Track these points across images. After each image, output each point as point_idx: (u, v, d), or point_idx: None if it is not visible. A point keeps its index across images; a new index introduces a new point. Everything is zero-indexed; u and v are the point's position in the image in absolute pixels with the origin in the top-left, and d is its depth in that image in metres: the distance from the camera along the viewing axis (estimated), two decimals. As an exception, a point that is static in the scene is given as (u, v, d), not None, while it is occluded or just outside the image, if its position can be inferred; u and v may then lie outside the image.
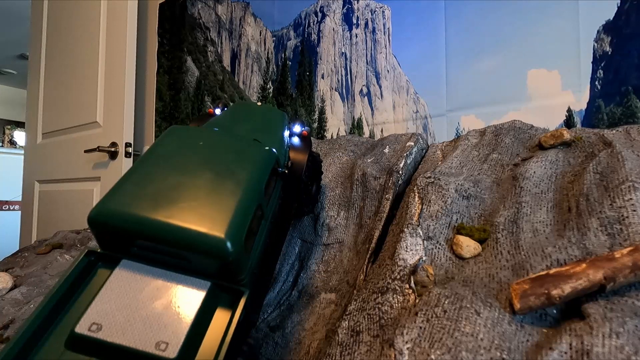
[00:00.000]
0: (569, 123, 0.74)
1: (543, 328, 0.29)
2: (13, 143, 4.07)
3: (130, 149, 1.41)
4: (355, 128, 1.07)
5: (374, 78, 1.05)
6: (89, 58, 1.52)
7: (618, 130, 0.48)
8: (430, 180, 0.46)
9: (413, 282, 0.36)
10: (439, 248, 0.40)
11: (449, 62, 0.90)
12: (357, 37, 1.08)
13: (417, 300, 0.34)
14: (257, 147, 0.34)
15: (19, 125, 4.02)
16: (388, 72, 1.02)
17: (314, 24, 1.17)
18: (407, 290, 0.35)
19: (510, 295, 0.30)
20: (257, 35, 1.32)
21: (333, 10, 1.13)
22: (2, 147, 3.87)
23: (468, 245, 0.39)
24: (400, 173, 0.53)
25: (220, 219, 0.25)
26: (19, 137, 4.02)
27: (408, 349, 0.29)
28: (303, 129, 0.47)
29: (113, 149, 1.42)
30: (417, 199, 0.45)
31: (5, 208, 3.24)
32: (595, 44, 0.73)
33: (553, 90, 0.77)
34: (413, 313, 0.31)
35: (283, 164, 0.39)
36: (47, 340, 0.23)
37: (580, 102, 0.74)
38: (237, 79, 1.36)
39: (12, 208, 3.22)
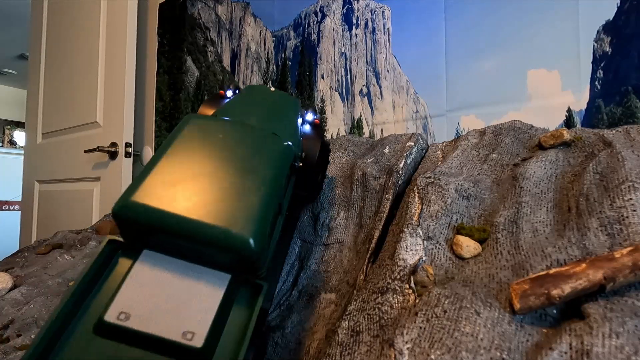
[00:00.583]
0: (569, 123, 0.74)
1: (543, 328, 0.29)
2: (13, 143, 4.08)
3: (130, 149, 1.41)
4: (355, 128, 1.07)
5: (374, 78, 1.05)
6: (89, 58, 1.52)
7: (618, 130, 0.48)
8: (430, 180, 0.46)
9: (413, 282, 0.36)
10: (439, 248, 0.40)
11: (449, 62, 0.90)
12: (357, 37, 1.08)
13: (417, 300, 0.34)
14: (277, 142, 0.34)
15: (19, 125, 4.03)
16: (388, 72, 1.02)
17: (314, 24, 1.17)
18: (407, 290, 0.35)
19: (510, 295, 0.30)
20: (257, 36, 1.32)
21: (333, 11, 1.13)
22: (2, 147, 3.87)
23: (468, 246, 0.39)
24: (400, 173, 0.53)
25: (245, 217, 0.26)
26: (19, 137, 4.03)
27: (408, 349, 0.29)
28: (315, 117, 0.47)
29: (113, 149, 1.42)
30: (417, 199, 0.45)
31: (5, 208, 3.24)
32: (595, 44, 0.73)
33: (553, 90, 0.77)
34: (413, 313, 0.31)
35: (298, 157, 0.39)
36: (76, 326, 0.24)
37: (580, 102, 0.74)
38: (237, 79, 1.36)
39: (12, 208, 3.22)
